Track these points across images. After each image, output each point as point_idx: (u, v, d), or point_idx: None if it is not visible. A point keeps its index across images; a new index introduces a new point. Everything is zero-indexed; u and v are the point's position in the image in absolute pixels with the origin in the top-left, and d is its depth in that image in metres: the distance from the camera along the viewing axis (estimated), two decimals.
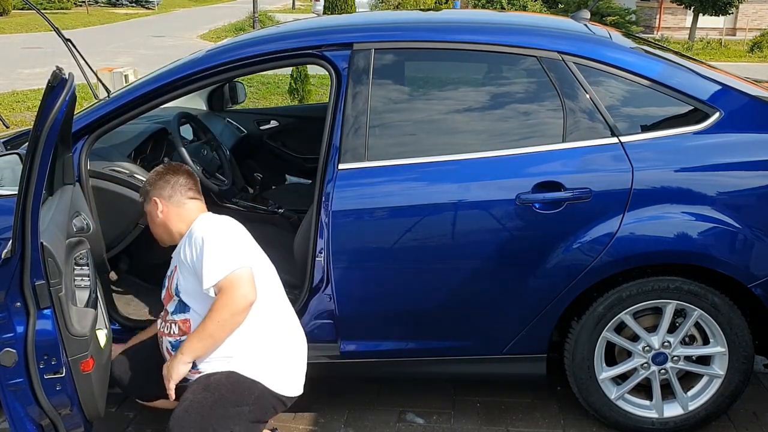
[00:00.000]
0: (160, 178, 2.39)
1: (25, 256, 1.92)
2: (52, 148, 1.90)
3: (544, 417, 2.87)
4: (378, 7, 22.32)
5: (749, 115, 2.56)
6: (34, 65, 13.76)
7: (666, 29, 23.20)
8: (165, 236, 2.41)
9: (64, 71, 1.91)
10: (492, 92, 2.69)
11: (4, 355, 1.96)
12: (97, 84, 3.26)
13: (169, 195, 2.37)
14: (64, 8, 29.70)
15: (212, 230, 2.22)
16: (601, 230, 2.45)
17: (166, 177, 2.39)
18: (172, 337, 2.30)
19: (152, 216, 2.39)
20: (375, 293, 2.57)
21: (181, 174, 2.42)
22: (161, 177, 2.39)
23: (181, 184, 2.38)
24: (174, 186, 2.38)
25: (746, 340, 2.56)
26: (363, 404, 2.96)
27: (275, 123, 4.42)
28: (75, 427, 2.16)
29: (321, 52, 2.63)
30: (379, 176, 2.53)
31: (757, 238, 2.45)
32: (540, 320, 2.58)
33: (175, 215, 2.36)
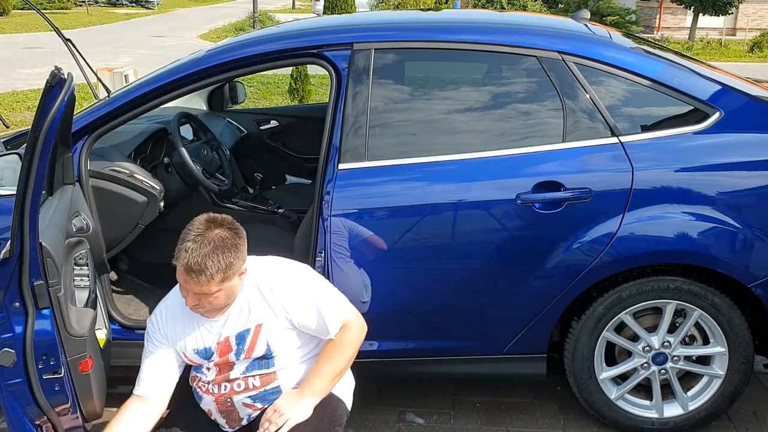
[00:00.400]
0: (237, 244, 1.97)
1: (23, 256, 1.92)
2: (50, 148, 1.90)
3: (544, 417, 2.86)
4: (378, 7, 22.31)
5: (749, 115, 2.56)
6: (34, 65, 13.76)
7: (666, 29, 23.20)
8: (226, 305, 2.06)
9: (63, 71, 1.91)
10: (492, 92, 2.69)
11: (2, 356, 1.95)
12: (97, 84, 3.26)
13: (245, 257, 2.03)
14: (64, 8, 29.71)
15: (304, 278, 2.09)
16: (601, 230, 2.45)
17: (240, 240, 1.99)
18: (253, 391, 2.10)
19: (233, 291, 2.01)
20: (375, 293, 2.57)
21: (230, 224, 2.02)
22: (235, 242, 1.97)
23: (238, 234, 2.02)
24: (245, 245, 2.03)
25: (746, 340, 2.55)
26: (363, 404, 2.96)
27: (275, 123, 4.42)
28: (74, 427, 2.16)
29: (321, 52, 2.63)
30: (379, 176, 2.52)
31: (757, 238, 2.45)
32: (540, 320, 2.58)
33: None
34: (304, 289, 2.07)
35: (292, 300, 2.05)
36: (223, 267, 1.92)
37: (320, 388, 2.08)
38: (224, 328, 2.07)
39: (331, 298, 2.12)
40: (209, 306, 1.99)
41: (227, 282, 1.96)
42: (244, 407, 2.13)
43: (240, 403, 2.12)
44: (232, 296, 2.03)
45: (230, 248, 1.94)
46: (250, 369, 2.10)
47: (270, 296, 2.05)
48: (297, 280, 2.09)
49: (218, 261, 1.91)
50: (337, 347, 2.09)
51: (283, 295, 2.05)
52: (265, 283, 2.06)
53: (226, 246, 1.93)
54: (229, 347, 2.08)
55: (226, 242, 1.94)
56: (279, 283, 2.06)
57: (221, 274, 1.92)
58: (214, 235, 1.94)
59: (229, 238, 1.95)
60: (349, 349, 2.11)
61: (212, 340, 2.09)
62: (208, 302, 1.98)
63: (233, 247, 1.95)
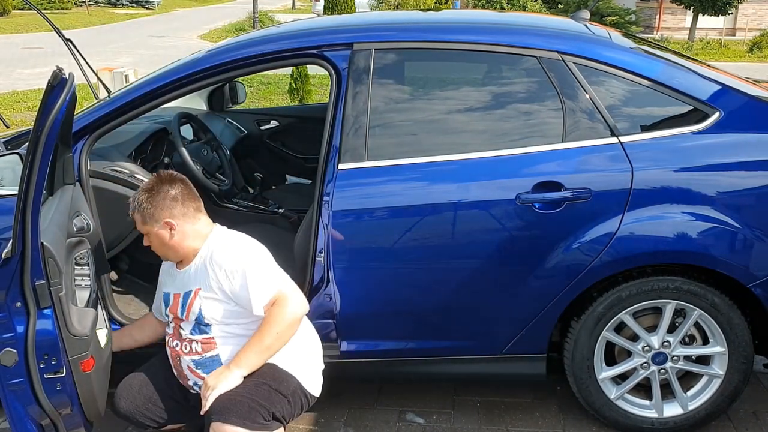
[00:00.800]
0: (163, 195, 2.19)
1: (25, 256, 1.92)
2: (52, 148, 1.90)
3: (544, 417, 2.87)
4: (378, 7, 22.31)
5: (749, 115, 2.56)
6: (35, 65, 13.76)
7: (666, 29, 23.20)
8: (174, 256, 2.27)
9: (64, 71, 1.91)
10: (492, 92, 2.69)
11: (4, 355, 1.96)
12: (98, 84, 3.26)
13: (182, 213, 2.21)
14: (64, 8, 29.70)
15: (249, 258, 2.17)
16: (600, 230, 2.45)
17: (170, 193, 2.20)
18: (195, 355, 2.23)
19: (161, 239, 2.22)
20: (375, 293, 2.57)
21: (179, 183, 2.25)
22: (164, 194, 2.19)
23: (186, 196, 2.23)
24: (183, 201, 2.22)
25: (746, 340, 2.56)
26: (363, 404, 2.96)
27: (275, 123, 4.42)
28: (75, 426, 2.16)
29: (321, 52, 2.63)
30: (379, 176, 2.53)
31: (757, 238, 2.45)
32: (540, 320, 2.58)
33: (191, 233, 2.23)
34: (239, 261, 2.15)
35: (226, 269, 2.15)
36: (139, 208, 2.20)
37: (246, 362, 2.14)
38: (181, 284, 2.26)
39: (265, 273, 2.16)
40: (153, 248, 2.26)
41: (148, 226, 2.21)
42: (189, 372, 2.25)
43: (186, 366, 2.25)
44: (168, 247, 2.22)
45: (151, 197, 2.19)
46: (193, 332, 2.23)
47: (210, 264, 2.18)
48: (236, 252, 2.18)
49: (136, 201, 2.22)
50: (266, 323, 2.13)
51: (219, 264, 2.16)
52: (211, 251, 2.20)
53: (149, 192, 2.20)
54: (177, 303, 2.26)
55: (152, 190, 2.20)
56: (220, 253, 2.18)
57: (137, 214, 2.21)
58: (150, 182, 2.24)
59: (157, 188, 2.20)
60: (278, 326, 2.12)
61: (173, 289, 2.29)
62: (150, 243, 2.26)
63: (153, 197, 2.19)
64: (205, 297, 2.19)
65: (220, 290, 2.16)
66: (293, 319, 2.16)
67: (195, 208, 2.25)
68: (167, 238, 2.21)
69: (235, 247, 2.22)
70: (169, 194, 2.20)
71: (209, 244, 2.24)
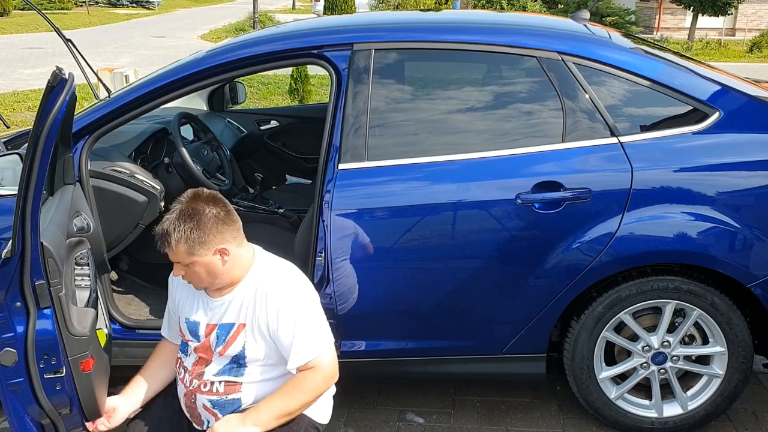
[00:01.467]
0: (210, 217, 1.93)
1: (25, 256, 1.92)
2: (51, 148, 1.90)
3: (543, 417, 2.87)
4: (378, 7, 22.31)
5: (749, 115, 2.56)
6: (35, 65, 13.76)
7: (665, 29, 23.19)
8: (219, 285, 2.03)
9: (64, 71, 1.91)
10: (492, 92, 2.69)
11: (4, 355, 1.96)
12: (98, 84, 3.27)
13: (233, 236, 1.98)
14: (64, 8, 29.72)
15: (301, 300, 2.00)
16: (600, 230, 2.45)
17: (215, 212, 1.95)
18: (215, 396, 2.05)
19: (211, 268, 1.97)
20: (375, 293, 2.58)
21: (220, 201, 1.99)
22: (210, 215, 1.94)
23: (231, 215, 1.99)
24: (231, 221, 1.98)
25: (745, 340, 2.56)
26: (363, 404, 2.96)
27: (275, 123, 4.42)
28: (75, 426, 2.16)
29: (321, 52, 2.63)
30: (379, 176, 2.53)
31: (757, 238, 2.45)
32: (540, 320, 2.58)
33: (240, 258, 2.01)
34: (294, 307, 1.99)
35: (278, 312, 1.98)
36: (184, 237, 1.92)
37: (264, 420, 1.97)
38: (216, 314, 2.06)
39: (314, 331, 2.00)
40: (192, 279, 2.00)
41: (196, 256, 1.94)
42: (204, 410, 2.09)
43: (201, 404, 2.09)
44: (217, 276, 1.99)
45: (198, 222, 1.93)
46: (222, 373, 2.06)
47: (261, 302, 2.00)
48: (293, 296, 2.01)
49: (180, 230, 1.92)
50: (296, 388, 1.99)
51: (272, 306, 1.99)
52: (264, 288, 2.01)
53: (191, 217, 1.93)
54: (210, 335, 2.07)
55: (195, 214, 1.94)
56: (275, 293, 2.00)
57: (183, 244, 1.92)
58: (187, 206, 1.96)
59: (200, 211, 1.94)
60: (307, 394, 1.99)
61: (205, 318, 2.08)
62: (190, 275, 1.99)
63: (201, 221, 1.93)
64: (250, 334, 2.01)
65: (266, 328, 1.99)
66: (322, 392, 2.02)
67: (240, 227, 2.02)
68: (218, 266, 1.97)
69: (291, 286, 2.03)
70: (218, 216, 1.96)
71: (258, 272, 2.03)
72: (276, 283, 2.02)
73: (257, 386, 2.06)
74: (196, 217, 1.94)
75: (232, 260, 1.99)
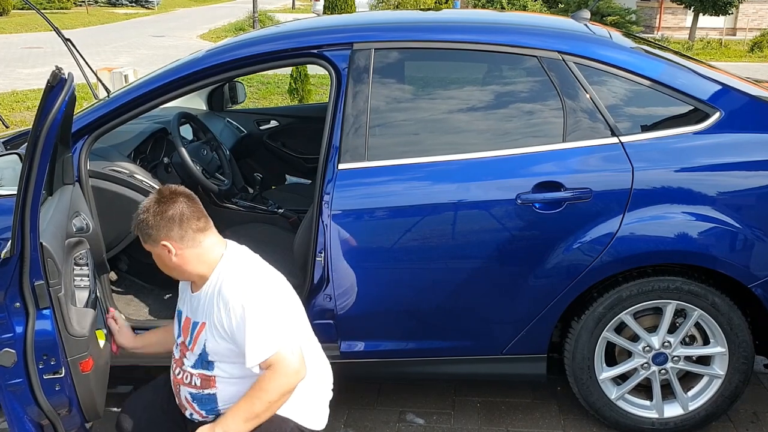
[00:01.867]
0: (160, 215, 2.02)
1: (24, 256, 1.91)
2: (51, 148, 1.90)
3: (544, 417, 2.86)
4: (378, 7, 22.31)
5: (749, 115, 2.56)
6: (34, 65, 13.76)
7: (666, 29, 23.19)
8: (180, 277, 2.13)
9: (64, 71, 1.91)
10: (492, 92, 2.69)
11: (3, 356, 1.95)
12: (97, 84, 3.27)
13: (180, 236, 2.02)
14: (63, 8, 29.71)
15: (253, 297, 1.98)
16: (601, 230, 2.45)
17: (168, 213, 2.02)
18: (194, 389, 2.10)
19: (163, 259, 2.07)
20: (375, 293, 2.57)
21: (180, 201, 2.04)
22: (161, 214, 2.02)
23: (187, 217, 2.03)
24: (182, 222, 2.02)
25: (746, 341, 2.55)
26: (363, 404, 2.96)
27: (275, 123, 4.42)
28: (74, 427, 2.16)
29: (321, 52, 2.63)
30: (379, 176, 2.53)
31: (758, 238, 2.45)
32: (540, 320, 2.58)
33: (194, 257, 2.05)
34: (245, 305, 1.96)
35: (228, 305, 1.97)
36: (136, 225, 2.06)
37: (233, 427, 1.96)
38: (191, 309, 2.13)
39: (267, 327, 1.96)
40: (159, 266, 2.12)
41: (149, 246, 2.07)
42: (186, 402, 2.13)
43: (183, 396, 2.13)
44: (169, 268, 2.08)
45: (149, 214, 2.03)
46: (196, 366, 2.09)
47: (217, 300, 2.01)
48: (245, 294, 1.98)
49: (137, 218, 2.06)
50: (258, 389, 1.97)
51: (225, 299, 1.98)
52: (219, 287, 2.02)
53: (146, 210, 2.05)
54: (187, 329, 2.13)
55: (148, 208, 2.05)
56: (227, 291, 1.99)
57: (137, 231, 2.07)
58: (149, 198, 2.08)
59: (158, 207, 2.04)
60: (270, 394, 1.95)
61: (185, 311, 2.17)
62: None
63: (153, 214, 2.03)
64: (210, 333, 2.04)
65: (221, 327, 2.00)
66: (287, 390, 1.98)
67: (196, 230, 2.04)
68: (167, 259, 2.06)
69: (243, 282, 2.01)
70: (167, 214, 2.02)
71: (219, 272, 2.05)
72: (230, 282, 2.01)
73: (230, 383, 2.07)
74: (149, 212, 2.04)
75: (180, 258, 2.05)
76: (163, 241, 2.03)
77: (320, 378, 2.21)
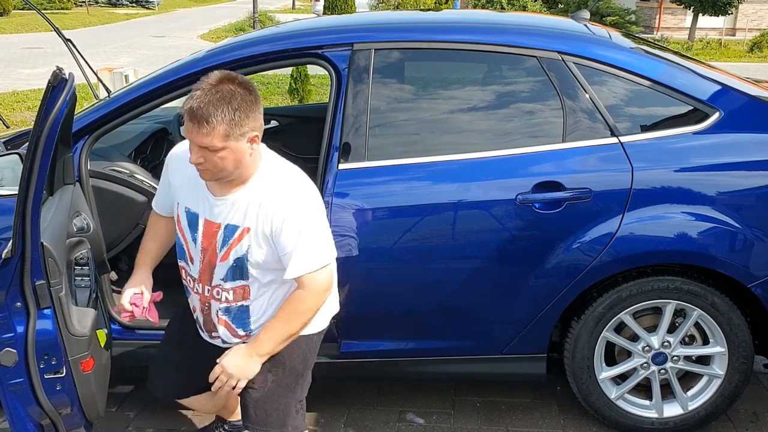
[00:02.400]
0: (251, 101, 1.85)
1: (25, 256, 1.92)
2: (52, 148, 1.90)
3: (544, 417, 2.87)
4: (378, 7, 22.32)
5: (749, 115, 2.56)
6: (35, 65, 13.77)
7: (666, 29, 23.20)
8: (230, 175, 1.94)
9: (65, 71, 1.91)
10: (492, 92, 2.69)
11: (4, 355, 1.96)
12: (98, 84, 3.27)
13: (261, 125, 1.91)
14: (64, 8, 29.72)
15: (307, 207, 1.95)
16: (601, 230, 2.45)
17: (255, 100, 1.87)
18: (225, 303, 2.06)
19: (240, 155, 1.88)
20: (375, 293, 2.57)
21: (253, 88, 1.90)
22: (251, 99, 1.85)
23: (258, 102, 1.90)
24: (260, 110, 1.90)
25: (746, 340, 2.56)
26: (363, 404, 2.96)
27: (275, 123, 4.42)
28: (75, 427, 2.16)
29: (321, 52, 2.63)
30: (379, 176, 2.53)
31: (757, 238, 2.45)
32: (540, 320, 2.58)
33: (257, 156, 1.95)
34: (301, 217, 1.93)
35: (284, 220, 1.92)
36: (227, 119, 1.81)
37: (268, 349, 2.02)
38: (219, 213, 2.00)
39: (317, 243, 1.96)
40: (214, 167, 1.89)
41: (232, 140, 1.84)
42: (217, 318, 2.10)
43: (215, 312, 2.09)
44: (241, 166, 1.91)
45: (240, 104, 1.84)
46: (228, 278, 2.03)
47: (268, 208, 1.93)
48: (301, 205, 1.94)
49: (224, 111, 1.81)
50: (295, 311, 1.98)
51: (279, 213, 1.92)
52: (271, 193, 1.94)
53: (236, 100, 1.83)
54: (215, 233, 2.00)
55: (236, 96, 1.84)
56: (283, 200, 1.93)
57: (225, 125, 1.82)
58: (225, 87, 1.85)
59: (240, 93, 1.85)
60: (304, 314, 1.99)
61: (207, 213, 2.02)
62: (213, 162, 1.87)
63: (244, 103, 1.85)
64: (254, 239, 1.96)
65: (271, 235, 1.94)
66: (320, 305, 2.02)
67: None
68: (246, 155, 1.90)
69: (300, 194, 1.96)
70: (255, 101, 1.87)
71: (266, 175, 1.97)
72: (285, 190, 1.95)
73: (265, 291, 2.05)
74: (237, 98, 1.84)
75: (255, 153, 1.93)
76: (253, 132, 1.88)
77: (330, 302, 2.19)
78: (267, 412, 2.11)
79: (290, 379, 2.13)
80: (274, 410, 2.11)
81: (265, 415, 2.11)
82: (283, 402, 2.12)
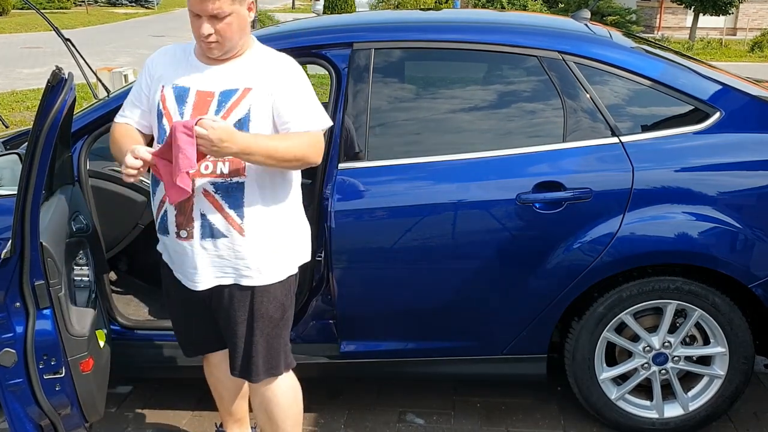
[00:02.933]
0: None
1: (24, 256, 1.92)
2: (51, 148, 1.90)
3: (544, 417, 2.86)
4: (378, 7, 22.32)
5: (750, 115, 2.56)
6: (34, 65, 13.77)
7: (666, 29, 23.21)
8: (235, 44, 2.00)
9: (64, 71, 1.91)
10: (492, 92, 2.69)
11: (3, 356, 1.96)
12: (97, 84, 3.27)
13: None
14: (63, 8, 29.73)
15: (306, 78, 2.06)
16: (601, 230, 2.45)
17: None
18: (218, 178, 1.98)
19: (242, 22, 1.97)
20: (375, 293, 2.57)
21: None
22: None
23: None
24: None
25: (747, 341, 2.55)
26: (363, 404, 2.96)
27: None
28: (74, 427, 2.16)
29: (321, 52, 2.63)
30: (379, 176, 2.52)
31: (758, 238, 2.45)
32: (540, 320, 2.58)
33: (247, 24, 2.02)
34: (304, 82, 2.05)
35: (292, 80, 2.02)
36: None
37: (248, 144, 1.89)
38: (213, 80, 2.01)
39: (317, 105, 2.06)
40: (223, 37, 1.95)
41: (237, 4, 1.94)
42: (202, 197, 1.99)
43: (201, 190, 1.98)
44: (243, 32, 2.00)
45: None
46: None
47: (273, 68, 2.03)
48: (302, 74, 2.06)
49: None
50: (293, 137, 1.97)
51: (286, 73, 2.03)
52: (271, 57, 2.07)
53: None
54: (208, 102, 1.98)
55: None
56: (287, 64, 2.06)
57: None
58: None
59: None
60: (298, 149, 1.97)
61: (197, 83, 2.02)
62: (222, 31, 1.94)
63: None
64: (255, 98, 1.97)
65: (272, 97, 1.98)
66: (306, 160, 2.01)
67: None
68: (248, 22, 2.01)
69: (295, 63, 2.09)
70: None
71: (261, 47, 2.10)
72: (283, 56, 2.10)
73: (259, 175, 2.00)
74: None
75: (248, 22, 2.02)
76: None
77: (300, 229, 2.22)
78: (262, 362, 2.17)
79: (273, 327, 2.16)
80: (267, 358, 2.17)
81: (261, 365, 2.17)
82: (273, 349, 2.18)
